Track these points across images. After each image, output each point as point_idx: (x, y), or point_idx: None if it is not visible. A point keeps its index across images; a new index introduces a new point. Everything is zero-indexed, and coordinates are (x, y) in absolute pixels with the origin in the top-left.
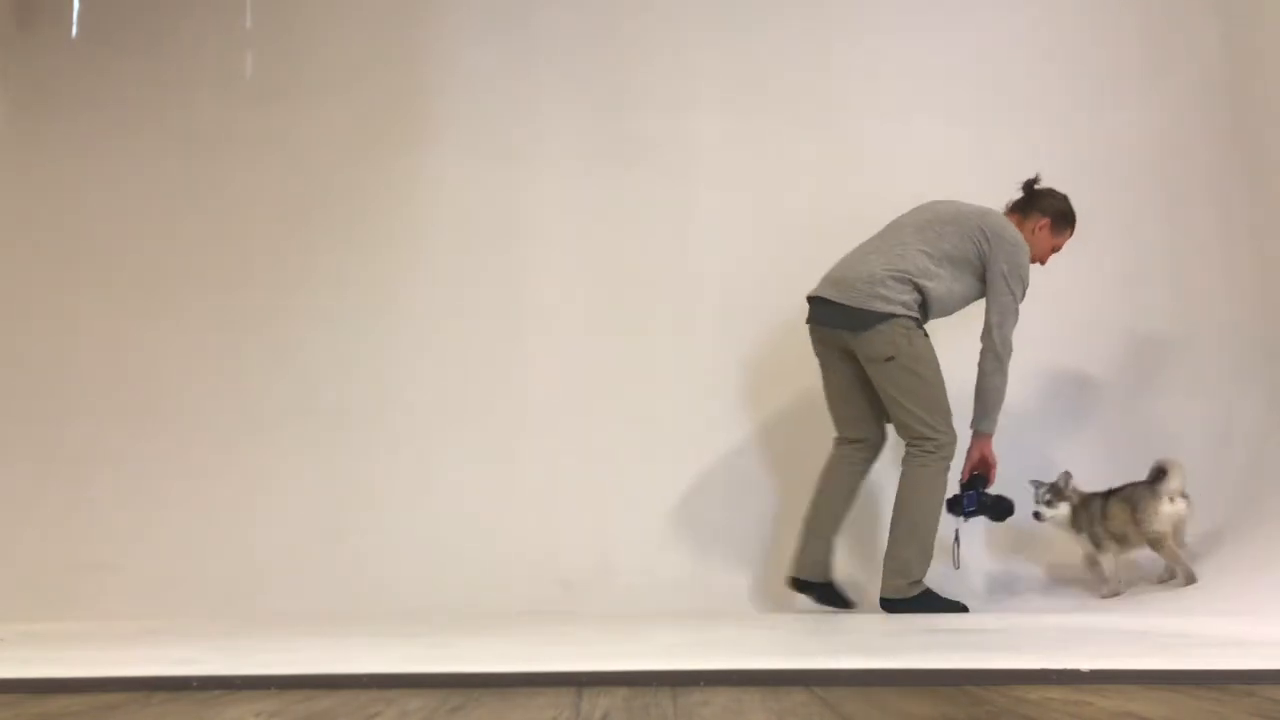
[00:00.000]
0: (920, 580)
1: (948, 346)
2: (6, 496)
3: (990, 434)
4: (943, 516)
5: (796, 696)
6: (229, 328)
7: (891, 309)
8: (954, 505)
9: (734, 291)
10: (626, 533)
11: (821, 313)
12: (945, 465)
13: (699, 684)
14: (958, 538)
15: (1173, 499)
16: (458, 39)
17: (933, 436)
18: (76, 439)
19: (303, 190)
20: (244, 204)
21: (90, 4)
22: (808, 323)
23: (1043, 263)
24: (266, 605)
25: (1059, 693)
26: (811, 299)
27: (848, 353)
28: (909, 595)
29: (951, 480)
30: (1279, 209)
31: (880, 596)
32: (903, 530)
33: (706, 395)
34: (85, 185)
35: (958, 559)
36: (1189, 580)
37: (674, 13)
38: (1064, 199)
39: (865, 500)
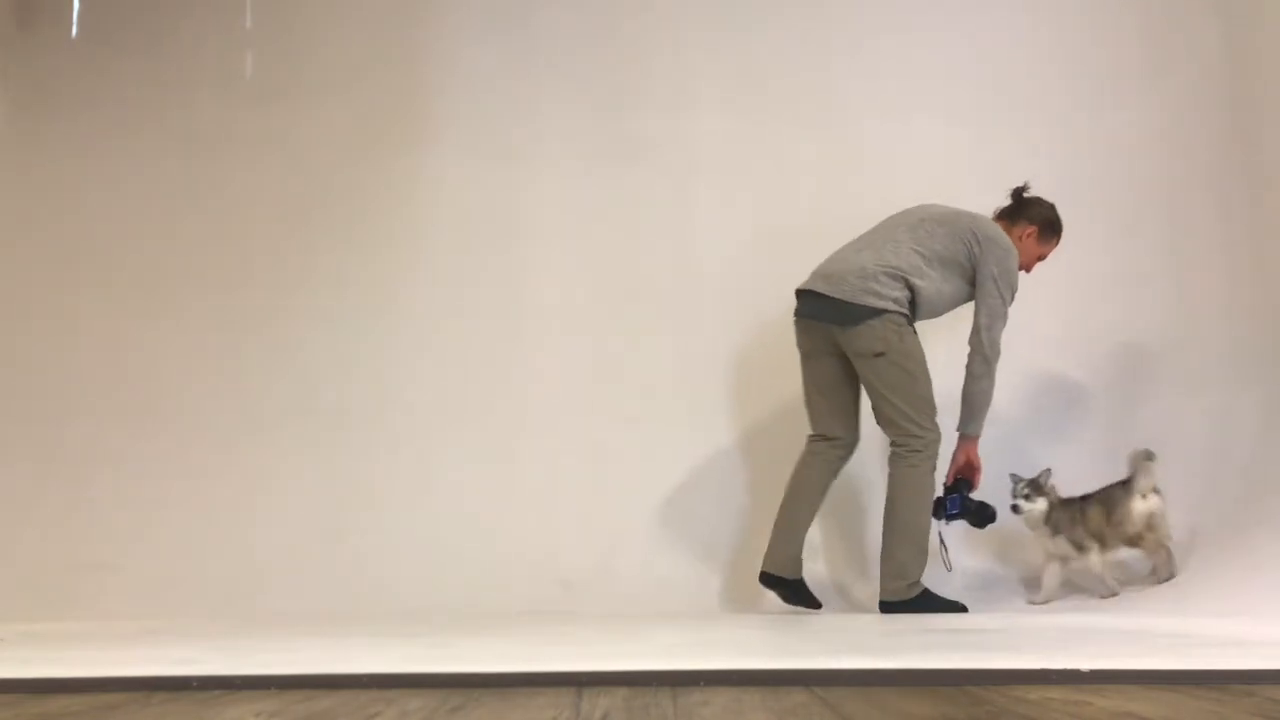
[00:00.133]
0: (918, 581)
1: (939, 350)
2: (6, 496)
3: (976, 437)
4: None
5: (796, 696)
6: (229, 328)
7: (883, 304)
8: (937, 508)
9: (734, 291)
10: (626, 533)
11: (811, 306)
12: (933, 464)
13: (699, 684)
14: (943, 541)
15: (1145, 495)
16: (458, 39)
17: (919, 434)
18: (76, 439)
19: (303, 190)
20: (244, 204)
21: (90, 4)
22: (795, 315)
23: (1028, 270)
24: (266, 605)
25: (1059, 693)
26: (801, 292)
27: (833, 347)
28: (908, 596)
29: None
30: (1279, 209)
31: (879, 600)
32: (897, 532)
33: (707, 395)
34: (85, 185)
35: (948, 561)
36: (1169, 575)
37: (674, 13)
38: (1051, 208)
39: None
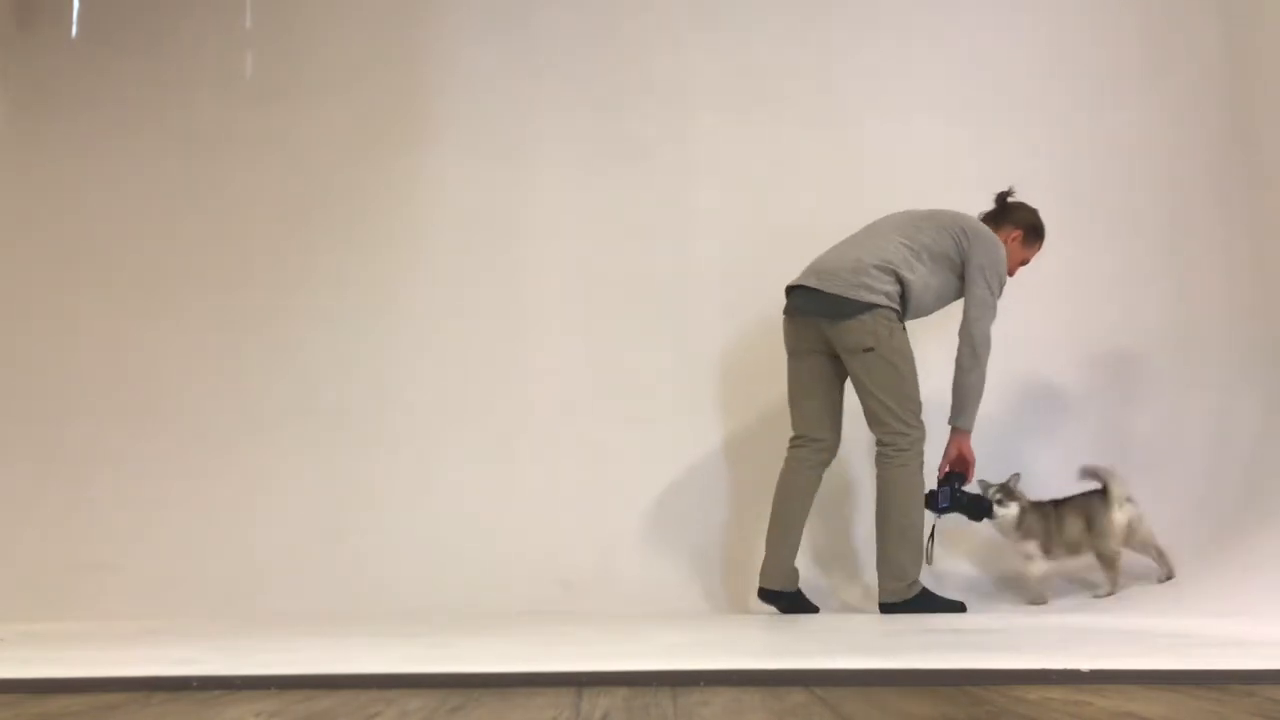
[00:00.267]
0: (917, 580)
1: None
2: (6, 496)
3: (968, 430)
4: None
5: (796, 696)
6: (229, 328)
7: (875, 299)
8: (929, 500)
9: (734, 290)
10: (626, 533)
11: (802, 302)
12: (920, 461)
13: (699, 684)
14: (933, 534)
15: (1120, 505)
16: (458, 39)
17: (905, 432)
18: (76, 439)
19: (303, 190)
20: (244, 204)
21: (90, 4)
22: (785, 313)
23: (1011, 274)
24: (266, 605)
25: (1059, 693)
26: (792, 289)
27: (822, 345)
28: (908, 596)
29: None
30: (1279, 209)
31: (879, 602)
32: (892, 533)
33: (707, 395)
34: (85, 185)
35: (930, 554)
36: (1168, 574)
37: (674, 13)
38: (1035, 212)
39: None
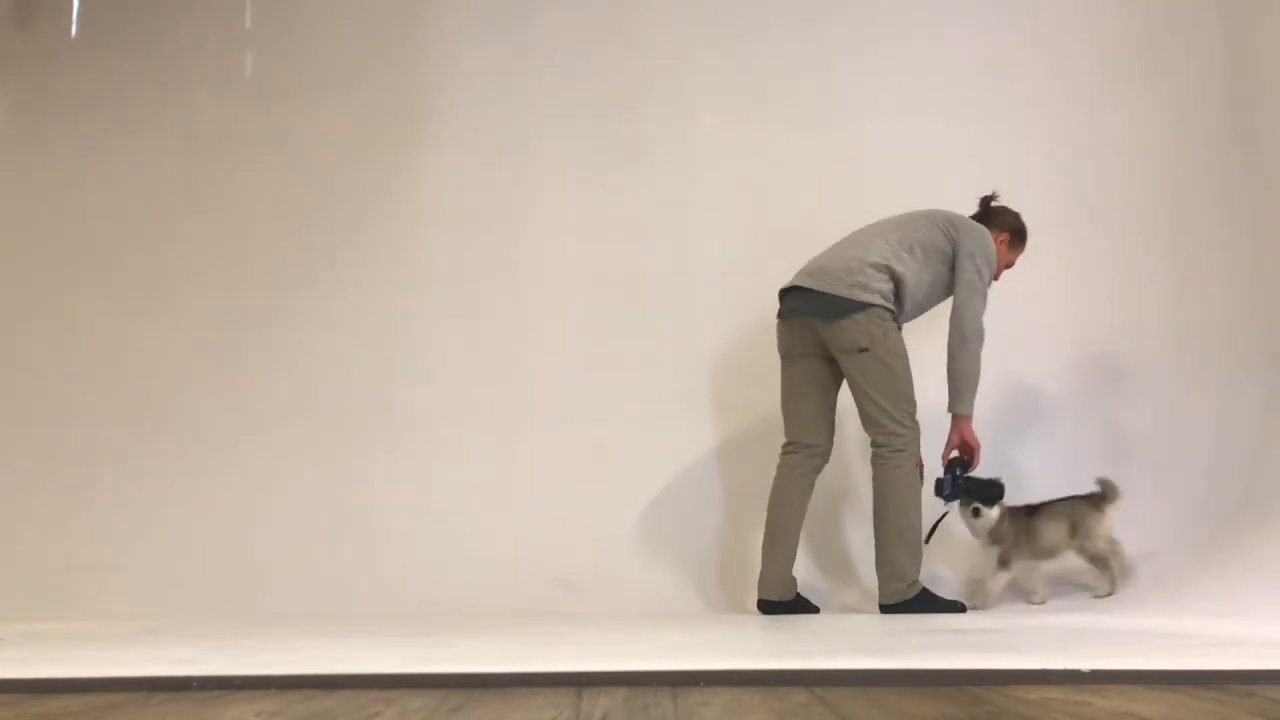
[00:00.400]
0: (916, 580)
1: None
2: (6, 496)
3: (967, 416)
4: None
5: (796, 696)
6: (229, 328)
7: (869, 298)
8: (936, 489)
9: (735, 291)
10: (627, 533)
11: (797, 303)
12: (915, 460)
13: (699, 684)
14: (937, 524)
15: (1106, 514)
16: (458, 39)
17: (899, 433)
18: (76, 439)
19: (303, 190)
20: (244, 204)
21: (90, 4)
22: (779, 317)
23: (996, 278)
24: (266, 605)
25: (1059, 693)
26: (786, 291)
27: (816, 347)
28: (908, 597)
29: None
30: (1279, 209)
31: (880, 604)
32: (890, 535)
33: (707, 394)
34: (85, 185)
35: (928, 536)
36: (1115, 589)
37: (674, 13)
38: (1019, 216)
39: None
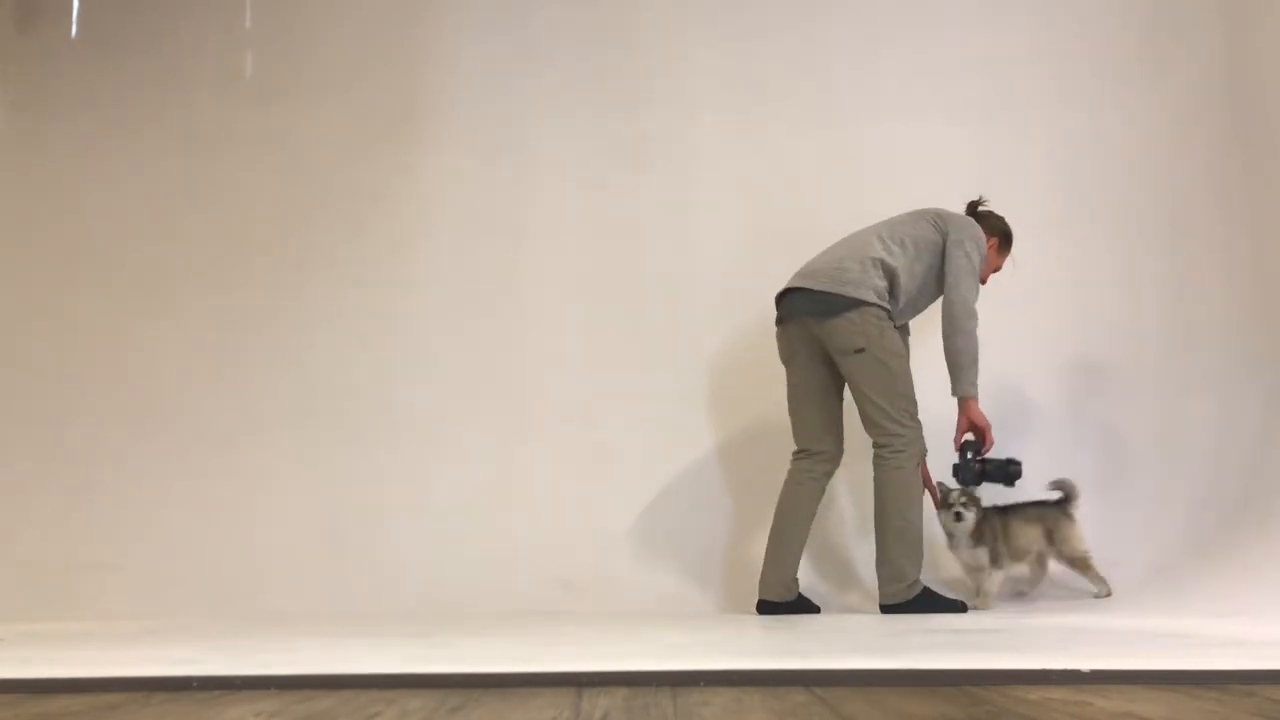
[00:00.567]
0: (917, 580)
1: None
2: (6, 496)
3: (970, 397)
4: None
5: (796, 696)
6: (229, 328)
7: (863, 295)
8: (955, 474)
9: (735, 291)
10: (627, 533)
11: (792, 305)
12: (917, 460)
13: (699, 684)
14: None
15: (1076, 519)
16: (458, 39)
17: (900, 433)
18: (76, 439)
19: (303, 190)
20: (244, 204)
21: (90, 4)
22: (777, 323)
23: (984, 281)
24: (266, 605)
25: (1059, 693)
26: (781, 296)
27: (816, 350)
28: (908, 597)
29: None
30: (1279, 209)
31: (880, 604)
32: (890, 536)
33: (707, 395)
34: (85, 185)
35: (936, 501)
36: (1109, 588)
37: (674, 13)
38: (1005, 220)
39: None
